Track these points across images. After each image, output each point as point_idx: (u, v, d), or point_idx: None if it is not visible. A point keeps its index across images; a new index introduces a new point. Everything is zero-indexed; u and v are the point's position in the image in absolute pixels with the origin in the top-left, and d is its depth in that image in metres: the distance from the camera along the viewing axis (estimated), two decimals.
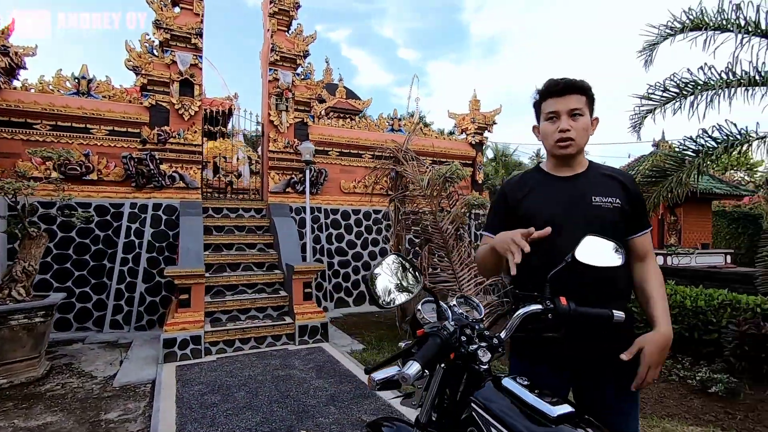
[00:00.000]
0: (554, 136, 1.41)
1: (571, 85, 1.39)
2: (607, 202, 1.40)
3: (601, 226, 1.35)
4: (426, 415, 1.21)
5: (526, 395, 0.98)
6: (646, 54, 7.43)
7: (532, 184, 1.50)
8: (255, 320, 5.16)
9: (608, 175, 1.47)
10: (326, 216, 7.52)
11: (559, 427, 0.91)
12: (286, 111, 7.02)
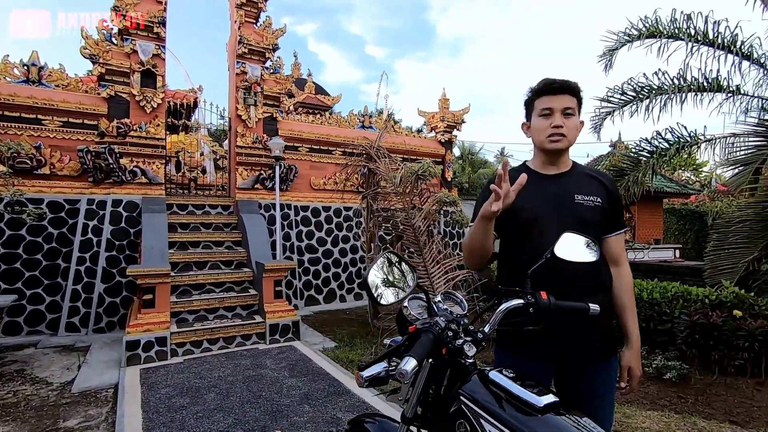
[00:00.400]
0: (547, 131, 1.46)
1: (566, 85, 1.45)
2: (589, 200, 1.46)
3: (582, 224, 1.42)
4: (412, 410, 1.23)
5: (513, 387, 1.02)
6: (606, 59, 7.79)
7: None
8: (223, 320, 5.03)
9: (591, 175, 1.54)
10: (296, 213, 7.42)
11: (545, 416, 0.95)
12: (254, 105, 6.85)
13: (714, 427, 3.02)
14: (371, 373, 1.21)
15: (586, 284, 1.43)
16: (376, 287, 1.20)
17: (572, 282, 1.40)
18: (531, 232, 1.48)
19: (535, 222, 1.47)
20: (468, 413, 1.01)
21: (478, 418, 0.99)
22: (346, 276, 7.77)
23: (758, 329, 3.68)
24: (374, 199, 5.02)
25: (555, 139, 1.46)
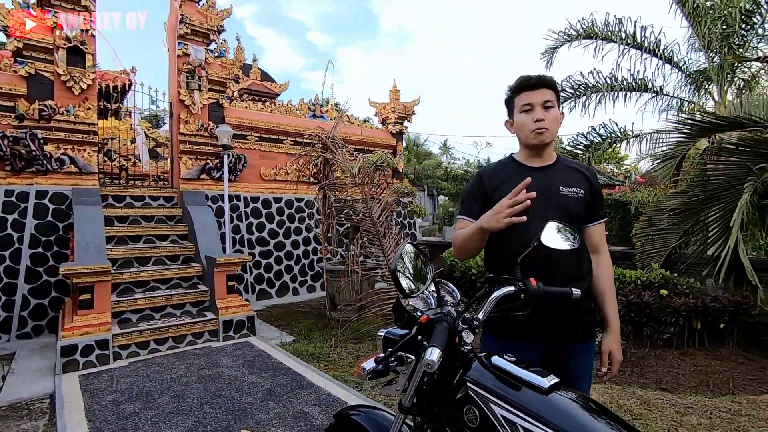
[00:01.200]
0: (530, 126, 1.51)
1: (543, 80, 1.51)
2: (573, 192, 1.54)
3: (567, 214, 1.50)
4: (410, 400, 1.24)
5: (517, 370, 1.06)
6: (548, 56, 8.23)
7: (508, 173, 1.58)
8: (172, 318, 4.74)
9: (574, 168, 1.62)
10: (246, 204, 7.12)
11: (550, 396, 1.00)
12: (198, 90, 6.44)
13: (649, 395, 3.35)
14: (372, 366, 1.20)
15: (570, 271, 1.51)
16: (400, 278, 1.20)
17: (557, 269, 1.48)
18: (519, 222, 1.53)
19: (523, 213, 1.52)
20: (476, 398, 1.04)
21: (487, 402, 1.02)
22: (299, 268, 7.62)
23: (682, 306, 4.13)
24: (331, 190, 4.95)
25: (540, 132, 1.51)
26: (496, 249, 1.61)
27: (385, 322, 5.00)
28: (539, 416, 0.94)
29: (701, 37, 6.83)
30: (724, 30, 6.50)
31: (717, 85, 6.99)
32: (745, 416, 3.00)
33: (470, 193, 1.67)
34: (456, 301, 1.36)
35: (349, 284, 4.61)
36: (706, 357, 4.09)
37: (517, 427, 0.95)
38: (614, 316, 1.60)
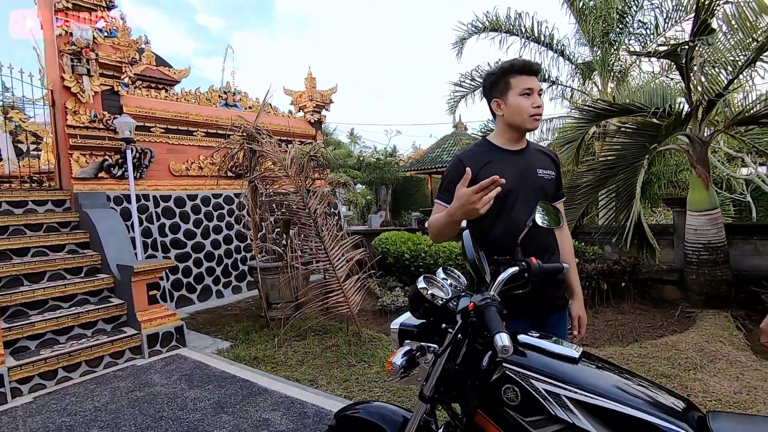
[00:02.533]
0: (530, 110, 1.55)
1: (538, 69, 1.59)
2: (547, 174, 1.65)
3: (544, 195, 1.61)
4: (431, 389, 1.24)
5: (547, 345, 1.11)
6: (458, 46, 8.64)
7: (489, 155, 1.62)
8: (82, 340, 4.12)
9: (543, 151, 1.73)
10: (156, 204, 6.41)
11: (580, 365, 1.07)
12: (88, 75, 5.57)
13: None
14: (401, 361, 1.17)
15: (544, 247, 1.63)
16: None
17: (533, 246, 1.57)
18: (505, 205, 1.59)
19: (507, 196, 1.59)
20: (515, 377, 1.07)
21: (527, 379, 1.05)
22: (222, 269, 7.11)
23: (593, 271, 4.71)
24: (262, 183, 4.67)
25: (536, 119, 1.58)
26: (483, 233, 1.66)
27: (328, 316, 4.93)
28: (579, 384, 1.01)
29: (586, 33, 7.73)
30: (604, 27, 7.42)
31: (600, 76, 7.99)
32: (652, 358, 3.54)
33: (452, 178, 1.64)
34: (463, 286, 1.39)
35: (287, 281, 4.42)
36: (613, 312, 4.74)
37: (561, 397, 1.00)
38: (578, 285, 1.78)
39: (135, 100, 6.31)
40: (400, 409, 1.51)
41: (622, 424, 0.94)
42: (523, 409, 1.05)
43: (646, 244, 4.20)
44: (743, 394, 2.90)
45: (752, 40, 4.21)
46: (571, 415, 0.98)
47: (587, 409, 0.97)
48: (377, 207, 17.85)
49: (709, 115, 4.65)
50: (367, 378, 3.50)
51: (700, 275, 4.59)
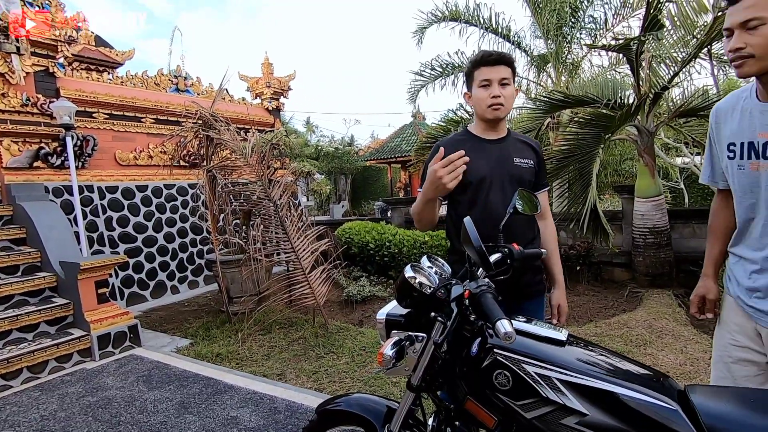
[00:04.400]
0: (487, 101, 1.58)
1: (502, 57, 1.58)
2: (525, 163, 1.68)
3: (521, 183, 1.63)
4: (419, 378, 1.23)
5: (535, 329, 1.13)
6: (418, 35, 8.64)
7: (467, 144, 1.63)
8: (22, 344, 3.77)
9: (523, 141, 1.76)
10: (101, 196, 5.96)
11: (568, 347, 1.10)
12: (17, 54, 5.03)
13: None
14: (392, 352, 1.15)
15: (524, 234, 1.66)
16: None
17: (515, 233, 1.60)
18: (480, 192, 1.62)
19: (482, 183, 1.62)
20: (506, 362, 1.08)
21: (519, 363, 1.06)
22: (177, 264, 6.77)
23: None
24: (221, 173, 4.46)
25: (495, 108, 1.60)
26: (458, 220, 1.66)
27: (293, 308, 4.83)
28: (568, 365, 1.03)
29: (541, 26, 7.95)
30: (558, 21, 7.67)
31: (554, 68, 8.28)
32: (607, 336, 3.77)
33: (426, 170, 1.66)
34: (448, 274, 1.38)
35: (249, 273, 4.27)
36: (569, 295, 4.94)
37: (552, 380, 1.02)
38: (560, 273, 1.82)
39: (74, 82, 5.80)
40: (382, 399, 1.50)
41: (612, 401, 0.97)
42: (514, 393, 1.07)
43: (601, 230, 4.44)
44: (687, 365, 3.16)
45: (692, 37, 4.50)
46: (562, 397, 1.00)
47: (577, 390, 1.00)
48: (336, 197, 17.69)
49: (655, 107, 4.94)
50: (336, 369, 3.47)
51: (646, 257, 4.92)
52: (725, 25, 1.23)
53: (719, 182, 1.46)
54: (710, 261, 1.53)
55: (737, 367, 1.37)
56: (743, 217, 1.34)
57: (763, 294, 1.30)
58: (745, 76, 1.21)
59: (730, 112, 1.34)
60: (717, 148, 1.41)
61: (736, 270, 1.39)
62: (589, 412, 0.98)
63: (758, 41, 1.14)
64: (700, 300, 1.51)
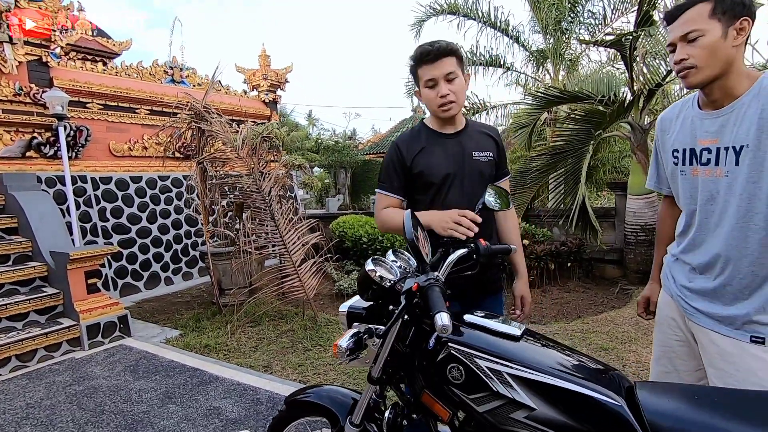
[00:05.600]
0: (436, 101, 1.52)
1: (442, 51, 1.48)
2: (484, 156, 1.64)
3: (481, 178, 1.62)
4: (379, 370, 1.24)
5: (489, 323, 1.13)
6: (417, 28, 8.57)
7: (423, 141, 1.60)
8: (11, 333, 3.80)
9: (482, 131, 1.71)
10: (95, 186, 5.97)
11: (522, 342, 1.10)
12: (10, 43, 5.02)
13: None
14: (347, 343, 1.15)
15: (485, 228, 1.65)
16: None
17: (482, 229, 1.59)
18: (441, 190, 1.59)
19: (444, 180, 1.59)
20: (459, 356, 1.08)
21: (471, 357, 1.07)
22: (171, 255, 6.78)
23: (542, 252, 4.91)
24: (212, 165, 4.46)
25: (446, 108, 1.53)
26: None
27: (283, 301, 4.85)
28: (519, 360, 1.03)
29: (540, 20, 7.89)
30: (557, 16, 7.61)
31: (552, 63, 8.23)
32: (593, 333, 3.77)
33: (390, 165, 1.62)
34: (412, 268, 1.38)
35: (240, 266, 4.29)
36: (559, 291, 4.99)
37: (503, 374, 1.02)
38: (522, 264, 1.79)
39: (68, 72, 5.79)
40: (351, 391, 1.51)
41: (559, 397, 0.97)
42: (467, 386, 1.07)
43: (590, 226, 4.43)
44: None
45: None
46: (511, 391, 1.01)
47: (527, 385, 1.00)
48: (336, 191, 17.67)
49: (649, 104, 4.91)
50: (322, 362, 3.49)
51: (637, 254, 4.91)
52: (668, 41, 1.26)
53: (663, 188, 1.49)
54: (657, 266, 1.56)
55: (680, 362, 1.40)
56: (684, 222, 1.37)
57: (695, 294, 1.31)
58: (692, 87, 1.23)
59: (675, 120, 1.37)
60: (662, 155, 1.44)
61: (674, 269, 1.41)
62: (537, 407, 0.98)
63: (698, 52, 1.16)
64: (646, 301, 1.55)
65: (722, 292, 1.24)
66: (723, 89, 1.20)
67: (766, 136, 1.12)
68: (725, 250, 1.22)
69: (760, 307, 1.17)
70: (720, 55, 1.15)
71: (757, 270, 1.17)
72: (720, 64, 1.16)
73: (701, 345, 1.31)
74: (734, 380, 1.21)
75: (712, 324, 1.26)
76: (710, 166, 1.25)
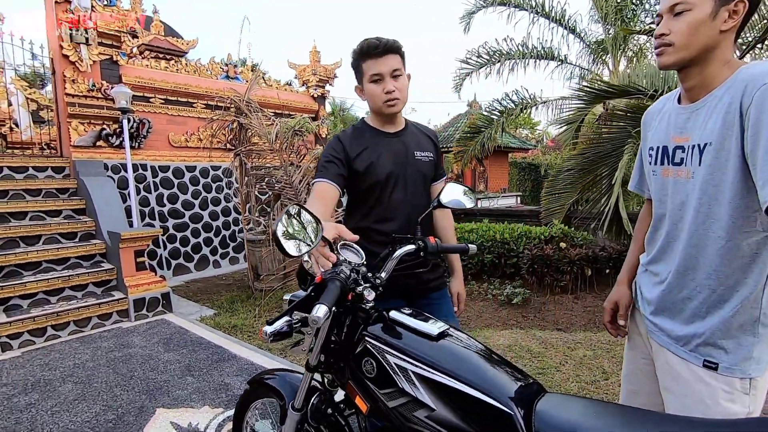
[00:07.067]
0: (382, 96, 1.50)
1: (389, 47, 1.47)
2: (425, 156, 1.64)
3: (422, 177, 1.62)
4: (316, 358, 1.28)
5: (410, 321, 1.12)
6: (466, 21, 8.37)
7: (366, 140, 1.59)
8: (72, 301, 4.32)
9: (422, 132, 1.71)
10: (154, 174, 6.55)
11: (439, 342, 1.08)
12: (86, 45, 5.64)
13: (547, 335, 3.78)
14: (274, 329, 1.20)
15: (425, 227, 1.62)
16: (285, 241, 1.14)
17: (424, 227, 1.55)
18: (385, 188, 1.58)
19: (388, 179, 1.58)
20: (373, 350, 1.09)
21: (383, 353, 1.07)
22: (219, 240, 7.28)
23: (576, 256, 4.64)
24: (248, 157, 4.71)
25: (391, 104, 1.52)
26: (363, 217, 1.63)
27: None
28: (428, 361, 1.02)
29: (600, 9, 7.36)
30: (618, 3, 7.05)
31: (611, 55, 7.65)
32: (620, 345, 3.51)
33: (332, 156, 1.55)
34: (361, 261, 1.40)
35: (271, 253, 4.51)
36: (594, 299, 4.68)
37: (408, 372, 1.02)
38: (457, 262, 1.80)
39: (135, 70, 6.38)
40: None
41: (457, 399, 0.95)
42: (378, 381, 1.08)
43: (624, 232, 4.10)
44: None
45: (760, 18, 3.95)
46: (415, 389, 1.00)
47: (429, 384, 0.99)
48: None
49: None
50: None
51: None
52: (658, 9, 1.12)
53: (645, 191, 1.35)
54: (626, 267, 1.41)
55: (646, 381, 1.28)
56: (652, 227, 1.24)
57: (655, 308, 1.19)
58: (665, 68, 1.09)
59: (656, 115, 1.24)
60: (643, 153, 1.31)
61: (641, 280, 1.29)
62: (436, 408, 0.97)
63: (680, 28, 1.03)
64: (614, 306, 1.39)
65: (680, 308, 1.13)
66: (700, 78, 1.06)
67: (731, 133, 0.99)
68: (682, 260, 1.11)
69: (716, 328, 1.05)
70: (701, 36, 1.01)
71: (714, 285, 1.05)
72: (699, 46, 1.02)
73: (657, 364, 1.20)
74: (681, 405, 1.10)
75: (668, 343, 1.15)
76: (682, 167, 1.13)
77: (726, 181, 1.00)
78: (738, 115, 0.96)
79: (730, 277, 1.03)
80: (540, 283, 4.86)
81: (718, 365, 1.04)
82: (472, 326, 4.10)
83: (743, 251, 1.01)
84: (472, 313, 4.50)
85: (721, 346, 1.04)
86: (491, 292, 4.94)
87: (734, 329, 1.03)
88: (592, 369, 3.09)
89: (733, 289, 1.03)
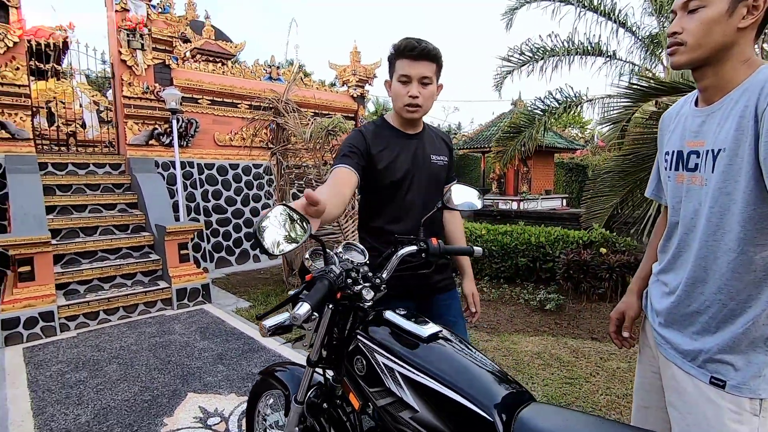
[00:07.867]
0: (404, 99, 1.49)
1: (426, 53, 1.45)
2: (440, 160, 1.64)
3: (437, 181, 1.62)
4: (317, 354, 1.31)
5: (403, 322, 1.13)
6: (508, 17, 8.16)
7: (386, 138, 1.59)
8: (122, 288, 4.66)
9: (438, 135, 1.71)
10: (200, 171, 6.92)
11: (429, 344, 1.08)
12: (141, 50, 6.05)
13: (579, 344, 3.63)
14: (274, 323, 1.25)
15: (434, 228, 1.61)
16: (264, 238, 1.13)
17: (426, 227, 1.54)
18: (400, 188, 1.58)
19: (404, 180, 1.58)
20: (363, 349, 1.11)
21: (372, 352, 1.09)
22: None
23: (616, 263, 4.40)
24: (284, 156, 4.87)
25: (411, 110, 1.51)
26: (376, 216, 1.63)
27: None
28: (414, 362, 1.02)
29: (654, 1, 6.92)
30: None
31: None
32: None
33: (354, 146, 1.53)
34: (363, 260, 1.42)
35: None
36: None
37: (395, 373, 1.03)
38: (468, 263, 1.78)
39: (185, 73, 6.77)
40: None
41: (440, 403, 0.95)
42: (368, 379, 1.09)
43: None
44: None
45: None
46: (400, 390, 1.01)
47: (413, 386, 0.99)
48: None
49: None
50: None
51: None
52: (672, 6, 1.05)
53: (662, 197, 1.26)
54: (638, 276, 1.32)
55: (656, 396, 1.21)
56: (665, 236, 1.16)
57: (664, 320, 1.11)
58: (677, 68, 1.03)
59: (674, 118, 1.16)
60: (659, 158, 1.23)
61: (652, 290, 1.21)
62: (419, 409, 0.97)
63: (693, 26, 0.97)
64: (620, 315, 1.32)
65: (689, 322, 1.06)
66: (715, 78, 1.00)
67: (745, 138, 0.92)
68: (692, 271, 1.04)
69: (725, 344, 0.97)
70: (715, 35, 0.95)
71: (725, 300, 0.98)
72: (713, 45, 0.96)
73: (663, 379, 1.13)
74: (686, 424, 1.03)
75: (675, 357, 1.08)
76: (696, 173, 1.06)
77: (739, 189, 0.93)
78: (753, 119, 0.89)
79: (741, 292, 0.96)
80: (576, 289, 4.66)
81: (725, 383, 0.97)
82: (501, 330, 4.00)
83: (756, 265, 0.93)
84: (502, 317, 4.39)
85: (729, 362, 0.97)
86: (524, 297, 4.80)
87: (744, 346, 0.95)
88: (625, 382, 2.93)
89: (745, 304, 0.95)
